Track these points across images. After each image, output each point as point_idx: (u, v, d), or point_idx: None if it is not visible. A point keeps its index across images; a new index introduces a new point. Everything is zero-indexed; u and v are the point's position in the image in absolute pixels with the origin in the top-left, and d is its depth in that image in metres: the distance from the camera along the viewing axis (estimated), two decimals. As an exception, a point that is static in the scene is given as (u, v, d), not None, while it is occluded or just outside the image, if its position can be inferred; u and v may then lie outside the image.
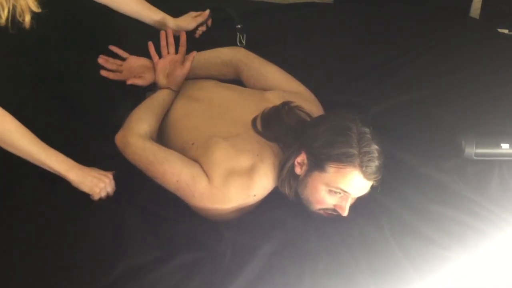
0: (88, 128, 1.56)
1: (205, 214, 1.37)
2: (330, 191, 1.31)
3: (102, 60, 1.63)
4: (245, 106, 1.52)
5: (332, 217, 1.36)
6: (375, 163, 1.29)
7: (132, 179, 1.44)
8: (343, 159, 1.28)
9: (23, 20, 1.16)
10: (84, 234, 1.31)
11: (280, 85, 1.61)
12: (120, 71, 1.63)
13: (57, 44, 1.65)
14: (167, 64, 1.60)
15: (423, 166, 1.46)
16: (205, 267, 1.26)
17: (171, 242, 1.30)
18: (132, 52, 1.68)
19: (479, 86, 1.68)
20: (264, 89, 1.61)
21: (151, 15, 1.68)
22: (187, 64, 1.59)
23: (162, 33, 1.64)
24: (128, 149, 1.41)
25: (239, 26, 1.78)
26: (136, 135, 1.42)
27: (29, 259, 1.26)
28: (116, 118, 1.54)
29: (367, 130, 1.32)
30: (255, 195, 1.36)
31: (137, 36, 1.72)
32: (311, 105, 1.54)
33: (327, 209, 1.35)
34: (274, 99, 1.52)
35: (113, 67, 1.63)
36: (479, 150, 1.45)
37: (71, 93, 1.60)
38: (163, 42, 1.62)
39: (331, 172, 1.30)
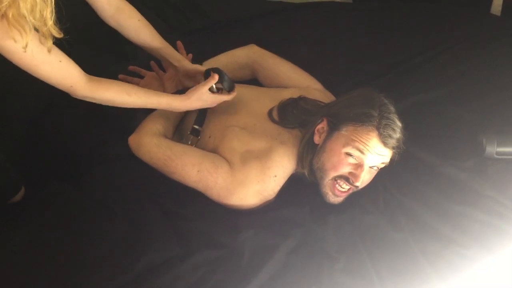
0: (108, 132, 1.58)
1: (228, 204, 1.38)
2: (347, 153, 1.32)
3: (121, 77, 1.62)
4: (261, 101, 1.55)
5: (349, 212, 1.36)
6: (395, 132, 1.30)
7: (152, 178, 1.47)
8: (363, 118, 1.30)
9: (45, 45, 1.16)
10: (105, 231, 1.34)
11: (296, 83, 1.63)
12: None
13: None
14: (173, 76, 1.60)
15: (443, 165, 1.47)
16: (224, 265, 1.27)
17: (191, 240, 1.32)
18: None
19: (500, 84, 1.68)
20: (281, 86, 1.63)
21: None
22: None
23: None
24: (142, 149, 1.43)
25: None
26: (150, 134, 1.44)
27: (51, 256, 1.29)
28: (133, 123, 1.56)
29: (390, 104, 1.34)
30: (275, 176, 1.38)
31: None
32: (328, 101, 1.55)
33: (341, 176, 1.33)
34: (291, 95, 1.54)
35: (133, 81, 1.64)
36: (500, 149, 1.45)
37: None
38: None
39: (350, 130, 1.32)
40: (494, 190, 1.41)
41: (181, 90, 1.56)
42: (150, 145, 1.42)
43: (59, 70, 1.21)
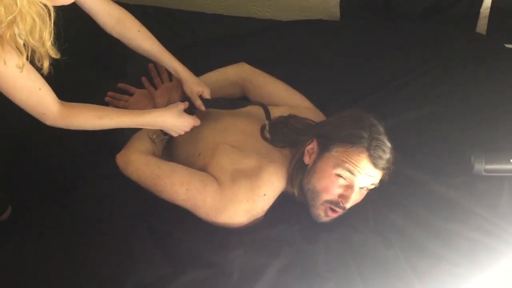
0: (95, 150, 1.57)
1: (217, 223, 1.37)
2: (337, 175, 1.32)
3: (109, 98, 1.64)
4: (251, 120, 1.55)
5: (340, 231, 1.36)
6: (385, 153, 1.31)
7: (140, 196, 1.46)
8: (353, 139, 1.31)
9: (42, 65, 1.17)
10: (93, 250, 1.32)
11: (286, 101, 1.64)
12: (126, 107, 1.64)
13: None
14: (164, 93, 1.61)
15: (432, 183, 1.47)
16: (213, 285, 1.26)
17: (179, 259, 1.31)
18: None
19: (488, 102, 1.69)
20: (271, 105, 1.62)
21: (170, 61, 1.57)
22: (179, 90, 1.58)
23: (151, 66, 1.66)
24: (130, 167, 1.42)
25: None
26: (138, 152, 1.44)
27: (36, 275, 1.27)
28: (122, 140, 1.55)
29: (379, 124, 1.36)
30: (265, 195, 1.37)
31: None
32: (318, 119, 1.56)
33: (332, 201, 1.34)
34: (281, 113, 1.54)
35: (120, 104, 1.65)
36: (489, 166, 1.46)
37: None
38: (153, 74, 1.65)
39: (340, 151, 1.32)
40: (483, 208, 1.42)
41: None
42: (138, 163, 1.41)
43: (36, 97, 1.22)
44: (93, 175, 1.49)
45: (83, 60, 1.68)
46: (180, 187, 1.37)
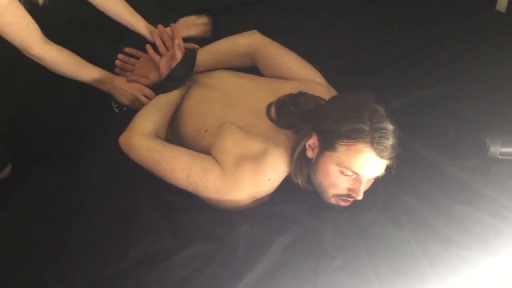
0: (100, 117, 1.58)
1: (220, 206, 1.36)
2: (342, 172, 1.28)
3: (119, 62, 1.64)
4: (260, 95, 1.51)
5: (349, 210, 1.34)
6: (388, 141, 1.25)
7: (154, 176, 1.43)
8: (354, 136, 1.25)
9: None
10: (95, 219, 1.31)
11: (297, 75, 1.59)
12: (132, 71, 1.64)
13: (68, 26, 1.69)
14: (168, 61, 1.58)
15: (445, 164, 1.45)
16: (218, 259, 1.25)
17: (184, 232, 1.29)
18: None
19: (505, 82, 1.66)
20: (281, 78, 1.60)
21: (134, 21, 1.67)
22: (178, 55, 1.56)
23: (153, 32, 1.63)
24: (132, 151, 1.40)
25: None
26: (139, 135, 1.40)
27: (36, 240, 1.27)
28: (126, 110, 1.55)
29: (379, 107, 1.28)
30: (269, 179, 1.35)
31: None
32: (329, 96, 1.50)
33: (341, 195, 1.32)
34: (291, 89, 1.50)
35: (127, 67, 1.64)
36: (505, 149, 1.43)
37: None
38: (158, 41, 1.61)
39: (342, 150, 1.27)
40: (497, 191, 1.39)
41: (161, 83, 1.56)
42: (140, 148, 1.39)
43: (25, 31, 1.36)
44: (97, 142, 1.47)
45: (83, 24, 1.72)
46: (181, 173, 1.34)
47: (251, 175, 1.33)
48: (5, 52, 1.38)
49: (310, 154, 1.34)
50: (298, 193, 1.39)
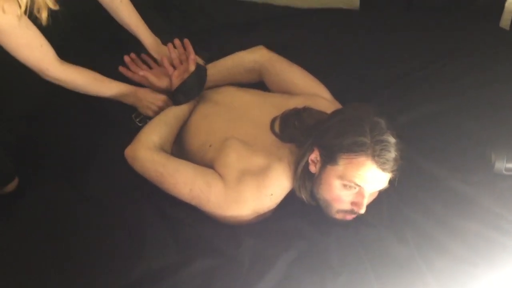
0: (107, 131, 1.59)
1: (223, 220, 1.37)
2: (345, 185, 1.29)
3: (128, 59, 1.64)
4: (265, 109, 1.52)
5: (354, 226, 1.34)
6: (390, 153, 1.25)
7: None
8: (355, 149, 1.25)
9: (40, 16, 1.23)
10: (101, 234, 1.32)
11: (303, 90, 1.60)
12: (143, 80, 1.63)
13: (73, 46, 1.69)
14: (182, 74, 1.59)
15: (450, 179, 1.45)
16: (223, 274, 1.25)
17: (190, 247, 1.30)
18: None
19: (510, 98, 1.66)
20: (287, 93, 1.61)
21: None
22: (191, 68, 1.57)
23: (169, 46, 1.64)
24: (137, 163, 1.41)
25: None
26: (144, 148, 1.42)
27: (42, 255, 1.27)
28: (133, 123, 1.58)
29: (380, 120, 1.28)
30: (272, 194, 1.35)
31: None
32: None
33: (345, 210, 1.32)
34: (296, 104, 1.51)
35: (135, 77, 1.64)
36: (510, 165, 1.43)
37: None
38: (173, 54, 1.63)
39: (344, 164, 1.27)
40: (502, 207, 1.39)
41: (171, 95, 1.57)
42: (144, 160, 1.40)
43: (39, 53, 1.34)
44: (104, 156, 1.48)
45: (88, 46, 1.75)
46: (184, 187, 1.36)
47: (253, 190, 1.33)
48: (11, 65, 1.36)
49: (313, 168, 1.35)
50: (303, 207, 1.40)
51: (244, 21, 1.98)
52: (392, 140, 1.26)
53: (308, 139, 1.36)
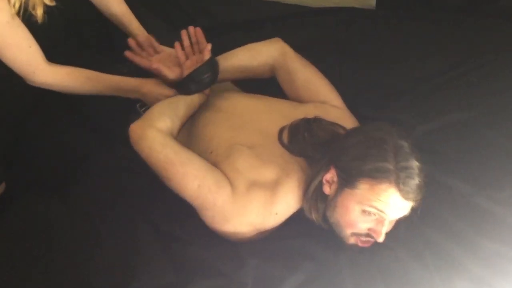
0: (97, 140, 1.58)
1: (219, 231, 1.35)
2: (364, 211, 1.28)
3: (133, 42, 1.61)
4: (271, 117, 1.51)
5: (367, 248, 1.33)
6: (415, 181, 1.25)
7: (145, 193, 1.44)
8: (377, 175, 1.25)
9: (36, 13, 1.23)
10: (90, 252, 1.31)
11: (313, 95, 1.59)
12: (149, 65, 1.59)
13: (68, 44, 1.70)
14: (194, 64, 1.56)
15: (474, 195, 1.44)
16: (224, 297, 1.24)
17: (186, 266, 1.28)
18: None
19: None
20: (297, 94, 1.60)
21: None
22: (206, 58, 1.54)
23: (183, 33, 1.60)
24: (144, 143, 1.37)
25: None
26: (156, 129, 1.39)
27: (26, 272, 1.27)
28: (126, 132, 1.50)
29: (404, 143, 1.28)
30: (277, 213, 1.35)
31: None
32: (347, 123, 1.51)
33: (360, 234, 1.31)
34: (305, 113, 1.49)
35: (143, 54, 1.60)
36: (541, 180, 1.41)
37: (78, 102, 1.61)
38: (186, 42, 1.59)
39: (364, 189, 1.27)
40: (532, 227, 1.37)
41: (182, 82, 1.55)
42: (154, 141, 1.37)
43: (26, 55, 1.34)
44: (94, 167, 1.48)
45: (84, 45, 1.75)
46: (193, 180, 1.33)
47: (259, 205, 1.33)
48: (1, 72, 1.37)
49: (327, 189, 1.34)
50: (312, 226, 1.38)
51: (248, 20, 1.98)
52: (417, 165, 1.26)
53: (323, 156, 1.36)
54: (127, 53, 1.58)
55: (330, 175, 1.33)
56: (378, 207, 1.26)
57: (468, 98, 1.69)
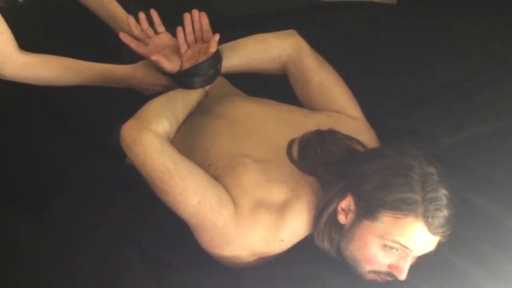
0: (79, 152, 1.58)
1: (217, 254, 1.33)
2: (385, 246, 1.26)
3: (132, 21, 1.56)
4: (279, 127, 1.49)
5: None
6: (444, 213, 1.23)
7: (132, 211, 1.43)
8: (403, 207, 1.23)
9: None
10: (69, 277, 1.30)
11: (327, 103, 1.57)
12: (146, 43, 1.57)
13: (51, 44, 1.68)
14: (195, 55, 1.53)
15: (509, 219, 1.41)
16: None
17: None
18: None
19: None
20: (310, 101, 1.58)
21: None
22: (212, 50, 1.50)
23: (186, 17, 1.55)
24: (139, 148, 1.32)
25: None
26: (154, 132, 1.35)
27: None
28: (113, 140, 1.47)
29: (433, 170, 1.27)
30: (282, 240, 1.33)
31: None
32: (365, 137, 1.50)
33: (379, 271, 1.29)
34: (318, 124, 1.47)
35: (141, 35, 1.57)
36: None
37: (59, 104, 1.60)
38: (188, 28, 1.54)
39: (387, 222, 1.25)
40: None
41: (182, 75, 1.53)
42: (151, 147, 1.32)
43: None
44: (75, 182, 1.47)
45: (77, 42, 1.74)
46: (193, 196, 1.30)
47: (263, 229, 1.31)
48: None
49: (342, 219, 1.32)
50: (321, 251, 1.36)
51: (253, 16, 1.99)
52: (446, 195, 1.25)
53: (338, 179, 1.34)
54: (122, 36, 1.53)
55: (347, 203, 1.31)
56: (402, 243, 1.24)
57: (502, 106, 1.67)
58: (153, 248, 1.36)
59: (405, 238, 1.24)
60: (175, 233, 1.38)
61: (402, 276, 1.27)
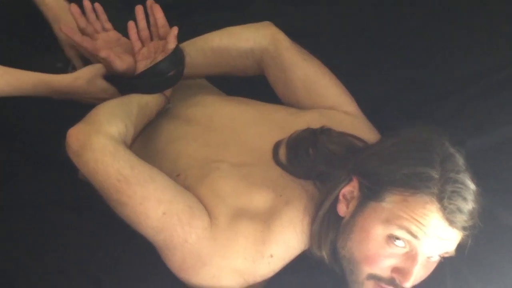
0: (19, 161, 1.58)
1: (194, 280, 1.31)
2: (390, 237, 1.23)
3: (75, 9, 1.59)
4: (264, 130, 1.52)
5: None
6: (466, 203, 1.21)
7: (85, 237, 1.42)
8: (415, 183, 1.22)
9: None
10: None
11: (317, 99, 1.61)
12: (94, 39, 1.60)
13: None
14: (151, 54, 1.56)
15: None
16: None
17: None
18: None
19: None
20: (296, 100, 1.61)
21: None
22: (171, 47, 1.53)
23: (138, 10, 1.58)
24: (88, 154, 1.32)
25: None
26: (105, 135, 1.34)
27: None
28: (62, 151, 1.48)
29: (458, 155, 1.27)
30: (271, 256, 1.32)
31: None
32: (365, 136, 1.51)
33: (380, 277, 1.26)
34: (308, 123, 1.50)
35: (88, 28, 1.60)
36: None
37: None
38: (142, 24, 1.57)
39: (394, 202, 1.23)
40: None
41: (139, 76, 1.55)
42: (103, 151, 1.32)
43: None
44: (18, 200, 1.47)
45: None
46: (156, 206, 1.29)
47: (247, 244, 1.30)
48: None
49: (342, 209, 1.32)
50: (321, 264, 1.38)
51: None
52: (471, 184, 1.24)
53: (341, 168, 1.35)
54: (64, 28, 1.55)
55: (350, 188, 1.31)
56: (411, 229, 1.21)
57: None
58: (110, 281, 1.33)
59: (415, 224, 1.21)
60: (139, 262, 1.37)
61: (408, 282, 1.23)
